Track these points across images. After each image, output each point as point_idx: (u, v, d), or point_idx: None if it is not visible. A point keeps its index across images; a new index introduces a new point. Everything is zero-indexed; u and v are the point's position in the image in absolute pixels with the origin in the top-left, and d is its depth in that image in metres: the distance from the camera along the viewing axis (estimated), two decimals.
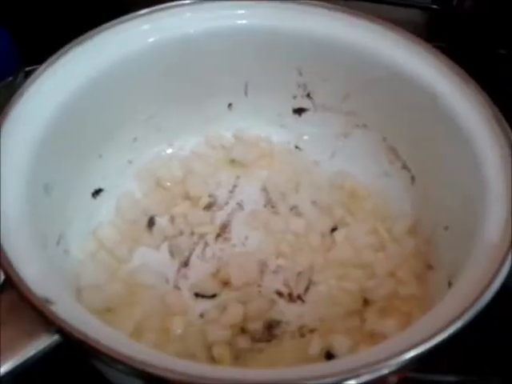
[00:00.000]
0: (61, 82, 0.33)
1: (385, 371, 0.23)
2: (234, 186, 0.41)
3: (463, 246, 0.31)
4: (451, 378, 0.34)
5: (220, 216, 0.39)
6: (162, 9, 0.35)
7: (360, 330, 0.33)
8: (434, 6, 0.59)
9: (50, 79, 0.32)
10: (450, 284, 0.32)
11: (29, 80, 0.32)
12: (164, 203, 0.39)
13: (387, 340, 0.26)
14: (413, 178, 0.39)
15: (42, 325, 0.24)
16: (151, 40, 0.35)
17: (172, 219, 0.39)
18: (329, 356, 0.32)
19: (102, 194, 0.38)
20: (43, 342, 0.24)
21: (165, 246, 0.38)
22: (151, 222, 0.39)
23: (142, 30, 0.35)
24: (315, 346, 0.31)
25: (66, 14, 0.54)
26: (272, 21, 0.37)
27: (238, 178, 0.41)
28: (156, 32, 0.35)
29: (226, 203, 0.40)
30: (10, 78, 0.42)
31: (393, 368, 0.23)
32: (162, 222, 0.39)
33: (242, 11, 0.36)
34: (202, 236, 0.38)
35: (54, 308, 0.23)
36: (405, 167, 0.39)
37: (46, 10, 0.54)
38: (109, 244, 0.37)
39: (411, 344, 0.24)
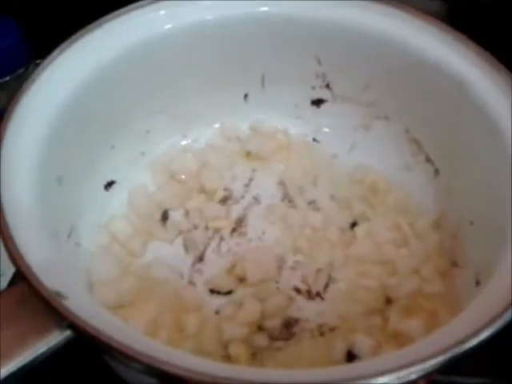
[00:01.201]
0: (72, 69, 0.32)
1: (412, 376, 0.22)
2: (250, 180, 0.40)
3: (491, 242, 0.29)
4: (477, 381, 0.33)
5: (236, 210, 0.38)
6: None
7: (382, 329, 0.32)
8: None
9: (62, 67, 0.31)
10: (477, 282, 0.30)
11: (40, 67, 0.31)
12: (178, 196, 0.38)
13: (413, 342, 0.25)
14: (436, 171, 0.37)
15: (53, 320, 0.23)
16: (168, 27, 0.34)
17: (186, 213, 0.38)
18: (350, 356, 0.30)
19: (114, 186, 0.37)
20: (54, 337, 0.23)
21: (179, 241, 0.37)
22: (165, 216, 0.38)
23: (158, 16, 0.33)
24: (338, 346, 0.30)
25: (76, 6, 0.53)
26: (290, 8, 0.36)
27: (254, 171, 0.40)
28: (172, 18, 0.34)
29: (242, 197, 0.39)
30: (21, 71, 0.42)
31: (420, 373, 0.22)
32: (176, 215, 0.37)
33: None
34: (217, 230, 0.37)
35: (66, 302, 0.22)
36: (428, 160, 0.38)
37: (55, 2, 0.53)
38: (121, 237, 0.36)
39: (440, 349, 0.22)
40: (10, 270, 0.37)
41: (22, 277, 0.23)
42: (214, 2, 0.35)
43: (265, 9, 0.35)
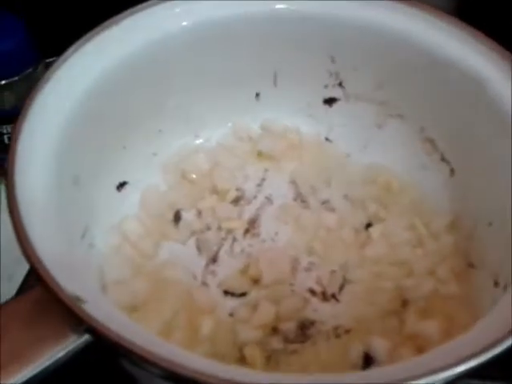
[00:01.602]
0: (87, 68, 0.31)
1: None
2: (263, 179, 0.39)
3: (509, 243, 0.29)
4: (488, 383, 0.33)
5: (248, 210, 0.38)
6: None
7: (399, 331, 0.31)
8: None
9: (76, 65, 0.31)
10: (496, 284, 0.30)
11: (54, 65, 0.30)
12: (190, 197, 0.38)
13: (434, 349, 0.24)
14: (452, 171, 0.37)
15: (71, 324, 0.23)
16: (184, 24, 0.33)
17: (199, 213, 0.37)
18: (367, 358, 0.30)
19: (126, 186, 0.37)
20: (72, 342, 0.23)
21: (192, 241, 0.36)
22: (177, 216, 0.37)
23: (173, 14, 0.33)
24: (354, 348, 0.30)
25: (83, 5, 0.52)
26: (305, 6, 0.35)
27: (266, 170, 0.40)
28: (187, 16, 0.33)
29: (255, 197, 0.39)
30: (29, 70, 0.41)
31: (441, 382, 0.22)
32: (188, 216, 0.37)
33: None
34: (229, 231, 0.37)
35: (85, 307, 0.22)
36: (443, 159, 0.37)
37: (63, 1, 0.53)
38: (133, 238, 0.35)
39: (462, 357, 0.22)
40: (16, 274, 0.37)
41: (39, 281, 0.22)
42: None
43: (280, 6, 0.35)
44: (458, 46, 0.33)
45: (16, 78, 0.41)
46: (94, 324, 0.21)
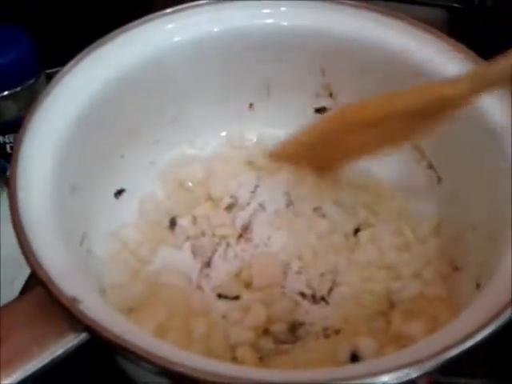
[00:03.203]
0: (86, 81, 0.33)
1: (412, 375, 0.23)
2: (256, 187, 0.41)
3: (492, 246, 0.30)
4: (478, 382, 0.34)
5: (242, 217, 0.39)
6: (187, 8, 0.35)
7: (385, 332, 0.32)
8: (456, 5, 0.58)
9: (75, 79, 0.33)
10: (478, 285, 0.31)
11: (54, 80, 0.32)
12: (186, 204, 0.39)
13: (414, 343, 0.26)
14: (439, 178, 0.38)
15: (69, 324, 0.24)
16: (176, 39, 0.35)
17: (194, 220, 0.39)
18: (354, 358, 0.31)
19: (124, 194, 0.39)
20: (71, 340, 0.24)
21: (187, 247, 0.38)
22: (173, 223, 0.39)
23: (166, 30, 0.35)
24: (342, 348, 0.31)
25: (86, 16, 0.54)
26: (295, 20, 0.37)
27: (259, 178, 0.41)
28: (180, 31, 0.35)
29: (248, 204, 0.40)
30: (31, 81, 0.42)
31: (420, 372, 0.23)
32: (184, 222, 0.38)
33: (268, 10, 0.36)
34: (223, 237, 0.38)
35: (82, 307, 0.23)
36: (431, 167, 0.38)
37: (67, 12, 0.55)
38: (131, 245, 0.37)
39: (440, 348, 0.23)
40: (18, 278, 0.38)
41: (40, 283, 0.24)
42: (223, 14, 0.36)
43: (270, 21, 0.36)
44: (440, 59, 0.35)
45: (18, 89, 0.42)
46: (91, 323, 0.22)
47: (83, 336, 0.24)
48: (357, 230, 0.38)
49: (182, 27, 0.35)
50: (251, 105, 0.42)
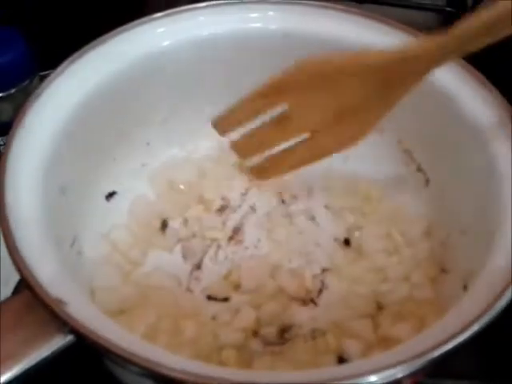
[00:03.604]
0: (76, 84, 0.33)
1: (398, 375, 0.23)
2: (247, 189, 0.41)
3: (479, 249, 0.31)
4: (465, 383, 0.34)
5: (233, 219, 0.39)
6: (177, 12, 0.35)
7: (373, 334, 0.33)
8: (449, 9, 0.58)
9: (66, 81, 0.33)
10: (465, 287, 0.31)
11: (45, 82, 0.32)
12: (177, 206, 0.39)
13: (400, 344, 0.26)
14: (427, 181, 0.38)
15: (55, 325, 0.24)
16: (166, 43, 0.35)
17: (185, 222, 0.39)
18: (341, 360, 0.31)
19: (115, 196, 0.39)
20: (57, 342, 0.24)
21: (178, 249, 0.38)
22: (164, 225, 0.39)
23: (156, 33, 0.35)
24: (329, 350, 0.31)
25: (79, 19, 0.54)
26: (284, 23, 0.37)
27: (250, 180, 0.41)
28: (170, 35, 0.35)
29: (239, 206, 0.40)
30: (26, 83, 0.42)
31: (405, 372, 0.23)
32: (175, 224, 0.39)
33: (256, 14, 0.36)
34: (214, 239, 0.38)
35: (67, 309, 0.23)
36: (420, 170, 0.39)
37: (60, 14, 0.55)
38: (122, 247, 0.37)
39: (425, 348, 0.24)
40: (13, 278, 0.39)
41: (26, 284, 0.24)
42: (213, 18, 0.37)
43: (258, 25, 0.37)
44: None
45: (13, 91, 0.42)
46: (76, 325, 0.23)
47: (69, 338, 0.24)
48: (346, 233, 0.38)
49: (172, 31, 0.35)
50: None
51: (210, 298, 0.35)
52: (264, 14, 0.36)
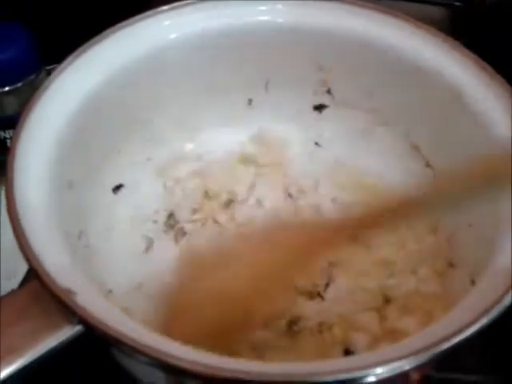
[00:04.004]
0: (82, 78, 0.33)
1: (405, 367, 0.23)
2: (253, 183, 0.41)
3: (486, 243, 0.30)
4: (473, 378, 0.34)
5: (239, 213, 0.39)
6: (184, 5, 0.35)
7: (380, 327, 0.33)
8: (457, 3, 0.58)
9: (72, 75, 0.33)
10: (472, 282, 0.31)
11: (50, 76, 0.32)
12: (183, 200, 0.39)
13: (407, 337, 0.26)
14: (435, 176, 0.38)
15: (64, 315, 0.24)
16: (173, 36, 0.35)
17: (191, 216, 0.39)
18: (347, 353, 0.31)
19: (122, 189, 0.39)
20: (65, 332, 0.24)
21: (184, 243, 0.38)
22: (170, 219, 0.39)
23: (163, 27, 0.35)
24: (336, 343, 0.31)
25: (86, 12, 0.54)
26: (293, 17, 0.37)
27: (257, 174, 0.41)
28: (177, 28, 0.35)
29: (246, 200, 0.40)
30: (32, 77, 0.43)
31: (412, 365, 0.23)
32: (181, 218, 0.39)
33: (264, 7, 0.36)
34: (221, 233, 0.38)
35: (76, 298, 0.23)
36: (428, 165, 0.38)
37: (66, 8, 0.55)
38: (129, 239, 0.37)
39: (432, 341, 0.23)
40: (21, 271, 0.39)
41: (34, 275, 0.24)
42: (220, 11, 0.36)
43: (269, 18, 0.36)
44: (438, 57, 0.35)
45: (19, 85, 0.42)
46: (85, 314, 0.23)
47: (78, 328, 0.24)
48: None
49: (178, 24, 0.35)
50: (250, 101, 0.42)
51: None
52: (272, 7, 0.36)
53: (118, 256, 0.36)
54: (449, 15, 0.60)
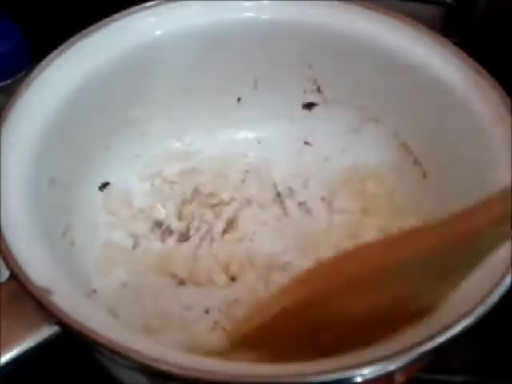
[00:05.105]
0: (67, 73, 0.32)
1: (391, 367, 0.23)
2: (242, 181, 0.40)
3: None
4: (460, 378, 0.34)
5: (227, 211, 0.39)
6: (170, 1, 0.35)
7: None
8: (449, 1, 0.57)
9: (58, 70, 0.32)
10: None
11: (35, 71, 0.32)
12: (171, 198, 0.39)
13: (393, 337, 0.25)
14: (425, 174, 0.38)
15: (42, 316, 0.24)
16: (158, 33, 0.35)
17: (179, 214, 0.39)
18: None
19: (108, 187, 0.38)
20: (43, 333, 0.24)
21: (171, 241, 0.37)
22: (158, 217, 0.38)
23: (148, 23, 0.34)
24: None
25: (77, 9, 0.54)
26: (281, 13, 0.37)
27: (246, 172, 0.41)
28: (163, 25, 0.35)
29: (234, 198, 0.40)
30: (23, 73, 0.42)
31: (398, 365, 0.23)
32: (168, 216, 0.38)
33: (250, 3, 0.36)
34: (208, 231, 0.38)
35: (52, 298, 0.23)
36: (416, 162, 0.38)
37: (57, 5, 0.54)
38: (115, 237, 0.37)
39: (418, 340, 0.23)
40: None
41: (12, 273, 0.24)
42: (206, 7, 0.36)
43: (255, 14, 0.36)
44: (426, 53, 0.35)
45: (9, 81, 0.42)
46: (59, 314, 0.22)
47: (56, 329, 0.24)
48: (343, 226, 0.38)
49: (164, 21, 0.35)
50: (239, 99, 0.41)
51: None
52: (259, 4, 0.36)
53: (104, 254, 0.36)
54: (441, 14, 0.60)
